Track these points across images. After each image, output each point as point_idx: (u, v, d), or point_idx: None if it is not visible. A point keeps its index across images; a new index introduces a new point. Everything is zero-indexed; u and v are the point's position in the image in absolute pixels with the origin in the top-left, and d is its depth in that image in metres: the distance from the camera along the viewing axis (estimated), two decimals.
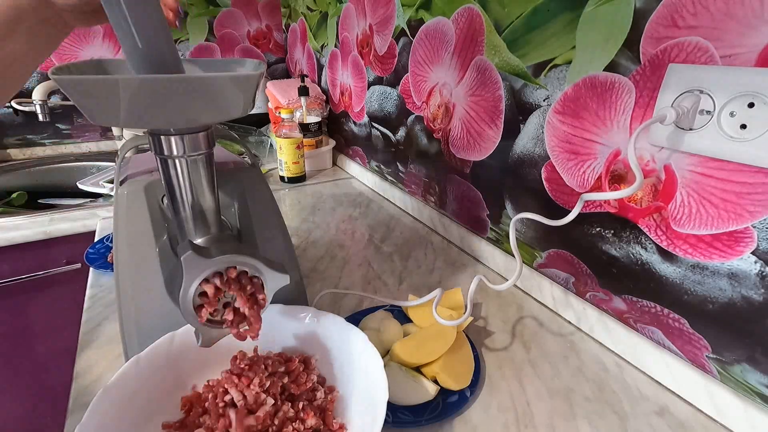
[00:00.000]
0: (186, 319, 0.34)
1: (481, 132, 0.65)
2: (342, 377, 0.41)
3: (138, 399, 0.36)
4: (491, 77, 0.60)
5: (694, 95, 0.37)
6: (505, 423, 0.41)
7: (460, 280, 0.65)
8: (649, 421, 0.41)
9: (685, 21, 0.37)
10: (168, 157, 0.31)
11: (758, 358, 0.38)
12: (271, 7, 1.45)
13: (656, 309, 0.46)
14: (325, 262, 0.69)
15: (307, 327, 0.44)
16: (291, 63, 1.50)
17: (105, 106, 0.25)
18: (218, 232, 0.37)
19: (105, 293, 0.58)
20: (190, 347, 0.39)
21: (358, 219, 0.86)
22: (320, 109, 1.18)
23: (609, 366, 0.48)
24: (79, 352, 0.48)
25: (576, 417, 0.41)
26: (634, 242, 0.46)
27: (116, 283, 0.41)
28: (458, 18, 0.64)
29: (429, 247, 0.75)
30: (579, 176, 0.50)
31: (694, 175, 0.39)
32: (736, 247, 0.38)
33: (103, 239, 0.70)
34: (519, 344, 0.51)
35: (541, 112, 0.53)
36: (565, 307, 0.56)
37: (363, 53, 0.95)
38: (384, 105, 0.91)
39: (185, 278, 0.32)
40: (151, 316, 0.41)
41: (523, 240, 0.62)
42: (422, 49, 0.74)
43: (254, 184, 0.47)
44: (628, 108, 0.43)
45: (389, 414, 0.39)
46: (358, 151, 1.09)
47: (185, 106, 0.27)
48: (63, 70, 0.26)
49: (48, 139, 1.27)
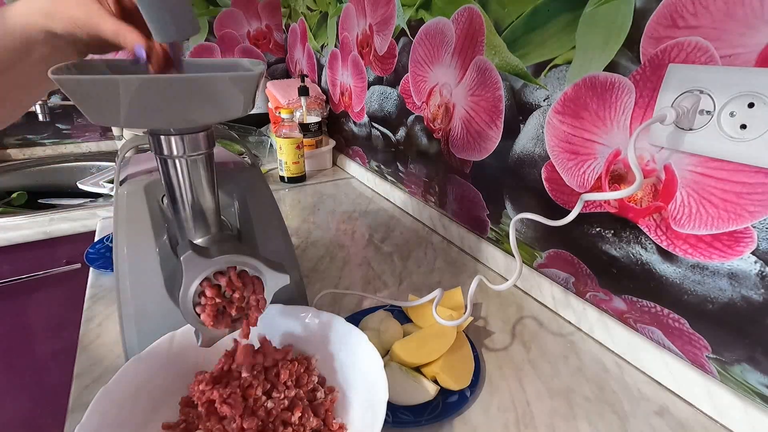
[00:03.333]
0: (186, 319, 0.34)
1: (481, 132, 0.65)
2: (342, 377, 0.41)
3: (138, 399, 0.36)
4: (491, 77, 0.60)
5: (694, 95, 0.37)
6: (505, 423, 0.41)
7: (460, 280, 0.65)
8: (649, 421, 0.41)
9: (685, 21, 0.37)
10: (168, 157, 0.31)
11: (758, 358, 0.38)
12: (271, 7, 1.45)
13: (656, 309, 0.46)
14: (325, 262, 0.69)
15: (307, 327, 0.44)
16: (291, 63, 1.50)
17: (105, 106, 0.25)
18: (218, 232, 0.37)
19: (105, 293, 0.58)
20: (190, 347, 0.39)
21: (358, 219, 0.86)
22: (320, 109, 1.18)
23: (609, 366, 0.48)
24: (79, 352, 0.48)
25: (576, 417, 0.41)
26: (634, 242, 0.46)
27: (116, 283, 0.41)
28: (458, 18, 0.64)
29: (429, 247, 0.75)
30: (579, 176, 0.50)
31: (694, 175, 0.39)
32: (736, 247, 0.38)
33: (103, 239, 0.70)
34: (519, 344, 0.51)
35: (541, 112, 0.53)
36: (565, 307, 0.56)
37: (363, 53, 0.95)
38: (384, 105, 0.91)
39: (185, 278, 0.32)
40: (151, 316, 0.41)
41: (523, 240, 0.62)
42: (422, 49, 0.74)
43: (254, 184, 0.47)
44: (628, 108, 0.43)
45: (389, 414, 0.39)
46: (358, 151, 1.09)
47: (185, 106, 0.27)
48: (63, 70, 0.26)
49: (48, 139, 1.27)
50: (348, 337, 0.41)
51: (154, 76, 0.25)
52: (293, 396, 0.37)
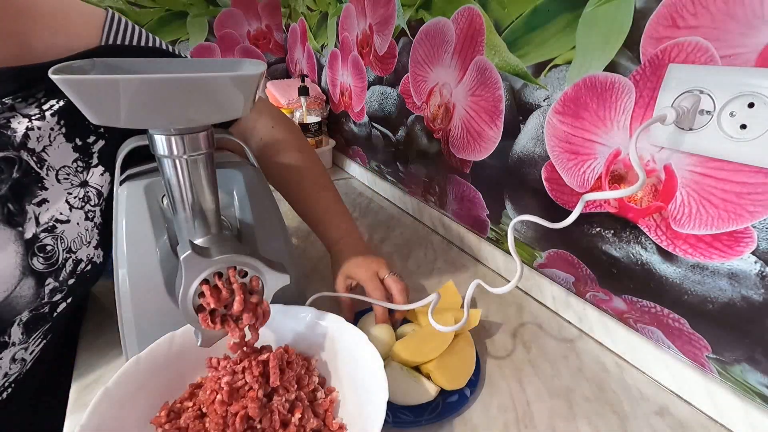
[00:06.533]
0: (186, 319, 0.34)
1: (481, 132, 0.65)
2: (342, 377, 0.41)
3: (138, 399, 0.36)
4: (491, 77, 0.60)
5: (694, 95, 0.37)
6: (505, 423, 0.41)
7: (460, 280, 0.65)
8: (649, 421, 0.41)
9: (685, 21, 0.37)
10: (168, 156, 0.31)
11: (758, 358, 0.38)
12: (271, 7, 1.45)
13: (656, 309, 0.46)
14: (325, 262, 0.69)
15: (307, 327, 0.44)
16: (291, 63, 1.50)
17: (105, 106, 0.25)
18: (218, 232, 0.37)
19: (105, 293, 0.58)
20: (190, 347, 0.39)
21: (358, 219, 0.86)
22: (320, 109, 1.18)
23: (609, 366, 0.48)
24: (79, 352, 0.48)
25: (576, 417, 0.41)
26: (634, 242, 0.46)
27: (116, 283, 0.41)
28: (458, 18, 0.63)
29: (429, 247, 0.75)
30: (579, 176, 0.50)
31: (694, 175, 0.39)
32: (736, 247, 0.38)
33: None
34: (519, 344, 0.51)
35: (541, 112, 0.53)
36: (565, 307, 0.56)
37: (363, 53, 0.95)
38: (384, 105, 0.91)
39: (185, 278, 0.32)
40: (151, 316, 0.41)
41: (523, 240, 0.62)
42: (422, 49, 0.74)
43: (254, 184, 0.47)
44: (628, 108, 0.43)
45: (390, 414, 0.39)
46: (358, 151, 1.09)
47: (185, 106, 0.27)
48: (63, 70, 0.26)
49: None
50: (348, 337, 0.41)
51: (154, 76, 0.25)
52: (294, 399, 0.37)
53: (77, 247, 0.41)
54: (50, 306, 0.41)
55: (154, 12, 1.28)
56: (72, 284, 0.41)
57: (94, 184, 0.42)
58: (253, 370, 0.36)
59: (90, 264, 0.43)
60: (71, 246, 0.40)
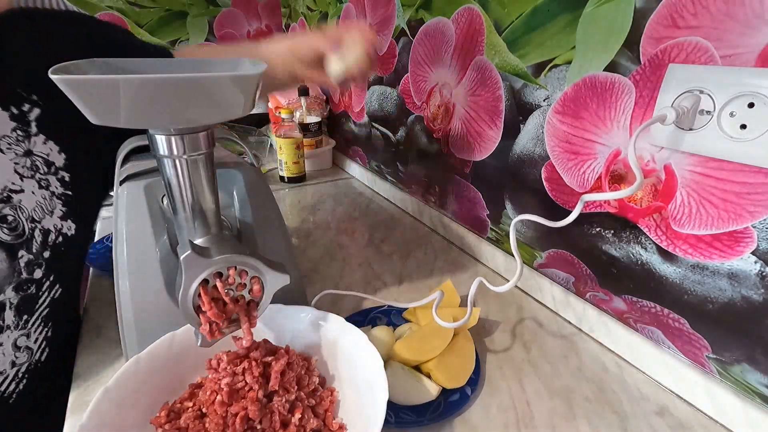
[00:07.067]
0: (186, 319, 0.34)
1: (481, 132, 0.65)
2: (342, 378, 0.41)
3: (138, 399, 0.36)
4: (491, 77, 0.60)
5: (694, 95, 0.37)
6: (505, 423, 0.41)
7: (461, 280, 0.65)
8: (649, 421, 0.41)
9: (685, 21, 0.37)
10: (168, 157, 0.31)
11: (758, 358, 0.38)
12: (271, 7, 1.45)
13: (656, 309, 0.46)
14: (325, 262, 0.69)
15: (307, 327, 0.44)
16: None
17: (105, 105, 0.25)
18: (218, 232, 0.37)
19: (105, 293, 0.58)
20: (190, 347, 0.39)
21: (358, 219, 0.86)
22: (320, 109, 1.18)
23: (609, 366, 0.48)
24: (79, 352, 0.48)
25: (576, 417, 0.41)
26: (634, 242, 0.46)
27: (116, 283, 0.41)
28: (458, 18, 0.63)
29: (429, 247, 0.75)
30: (579, 176, 0.50)
31: (694, 175, 0.39)
32: (736, 247, 0.38)
33: (103, 239, 0.70)
34: (519, 344, 0.51)
35: (541, 112, 0.53)
36: (565, 307, 0.56)
37: None
38: (384, 105, 0.91)
39: (185, 278, 0.32)
40: (151, 316, 0.41)
41: (523, 240, 0.62)
42: (422, 49, 0.74)
43: (254, 184, 0.47)
44: (628, 108, 0.43)
45: (392, 414, 0.39)
46: (358, 151, 1.09)
47: (185, 106, 0.27)
48: (63, 70, 0.26)
49: None
50: (348, 337, 0.41)
51: (154, 76, 0.24)
52: (294, 399, 0.36)
53: (39, 217, 0.40)
54: (36, 285, 0.41)
55: (154, 12, 1.28)
56: (48, 258, 0.41)
57: (39, 152, 0.41)
58: (254, 371, 0.36)
59: (60, 236, 0.42)
60: (33, 215, 0.40)
